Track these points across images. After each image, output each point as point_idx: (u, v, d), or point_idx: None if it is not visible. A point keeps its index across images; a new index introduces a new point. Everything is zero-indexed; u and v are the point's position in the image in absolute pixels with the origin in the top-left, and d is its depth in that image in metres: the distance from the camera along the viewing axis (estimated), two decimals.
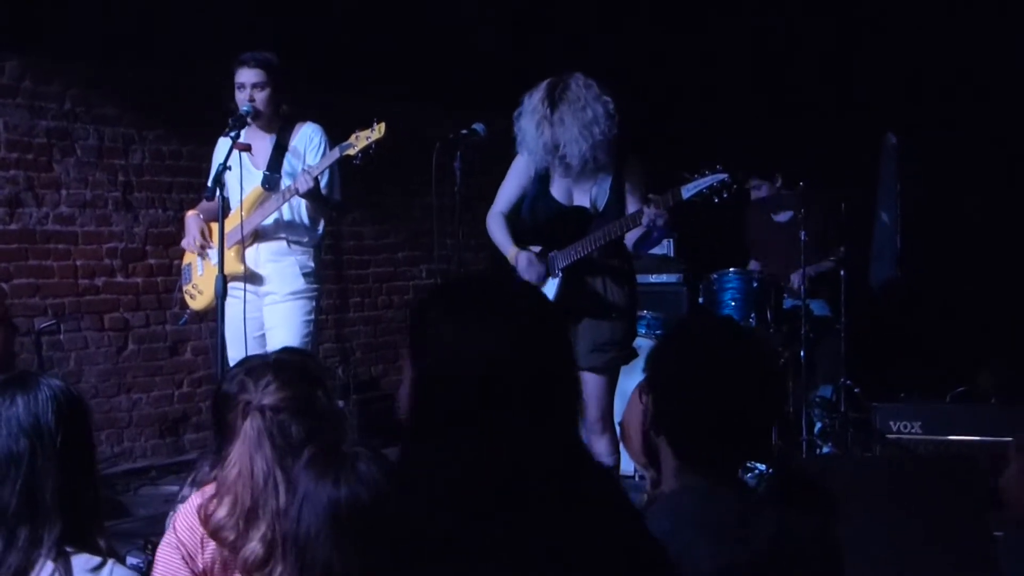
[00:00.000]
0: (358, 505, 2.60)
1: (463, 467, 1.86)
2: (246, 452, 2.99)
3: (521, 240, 5.68)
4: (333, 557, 2.56)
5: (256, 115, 5.82)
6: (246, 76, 5.83)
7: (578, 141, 5.36)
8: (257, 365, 3.21)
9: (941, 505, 4.60)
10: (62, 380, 2.80)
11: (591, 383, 5.37)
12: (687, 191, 5.30)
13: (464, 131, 5.63)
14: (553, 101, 5.41)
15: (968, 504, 4.56)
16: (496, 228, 5.74)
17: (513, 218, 5.77)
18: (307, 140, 5.97)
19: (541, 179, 5.66)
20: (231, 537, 2.95)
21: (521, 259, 5.59)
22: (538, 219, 5.68)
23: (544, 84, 5.49)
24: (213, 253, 5.97)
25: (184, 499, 3.48)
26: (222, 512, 2.98)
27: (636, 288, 5.84)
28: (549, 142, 5.40)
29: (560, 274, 5.56)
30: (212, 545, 3.02)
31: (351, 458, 2.69)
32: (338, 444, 2.92)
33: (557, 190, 5.64)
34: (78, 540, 2.63)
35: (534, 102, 5.47)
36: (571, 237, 5.54)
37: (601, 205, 5.58)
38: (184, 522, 3.09)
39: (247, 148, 5.82)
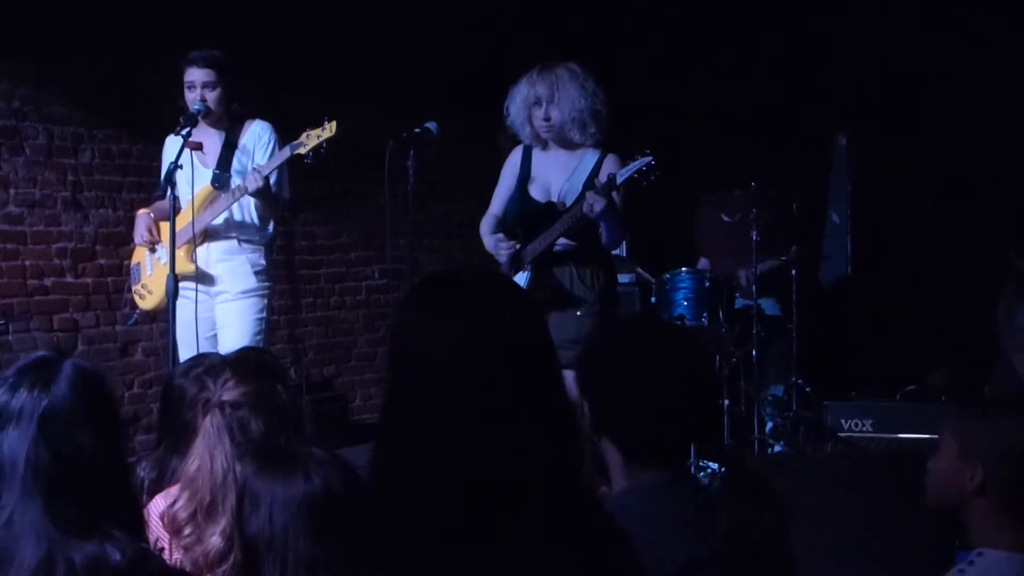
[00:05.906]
0: (334, 495, 2.59)
1: (433, 475, 1.77)
2: (206, 449, 2.99)
3: (507, 237, 5.86)
4: (317, 552, 2.54)
5: (207, 113, 5.80)
6: (196, 75, 5.80)
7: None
8: (215, 363, 3.21)
9: (892, 502, 4.63)
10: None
11: None
12: (621, 175, 5.50)
13: (417, 129, 5.66)
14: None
15: (919, 502, 4.59)
16: (484, 228, 5.95)
17: (502, 219, 5.96)
18: (256, 138, 5.95)
19: (520, 179, 5.84)
20: (190, 531, 2.94)
21: (489, 244, 5.84)
22: (515, 216, 5.87)
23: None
24: (162, 252, 5.94)
25: None
26: (181, 505, 2.98)
27: (613, 285, 5.94)
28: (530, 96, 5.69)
29: (529, 267, 5.70)
30: (178, 551, 3.01)
31: (309, 457, 2.68)
32: (293, 445, 2.91)
33: (535, 189, 5.82)
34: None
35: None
36: (541, 232, 5.70)
37: (568, 202, 5.71)
38: (148, 526, 3.06)
39: (199, 147, 5.78)
